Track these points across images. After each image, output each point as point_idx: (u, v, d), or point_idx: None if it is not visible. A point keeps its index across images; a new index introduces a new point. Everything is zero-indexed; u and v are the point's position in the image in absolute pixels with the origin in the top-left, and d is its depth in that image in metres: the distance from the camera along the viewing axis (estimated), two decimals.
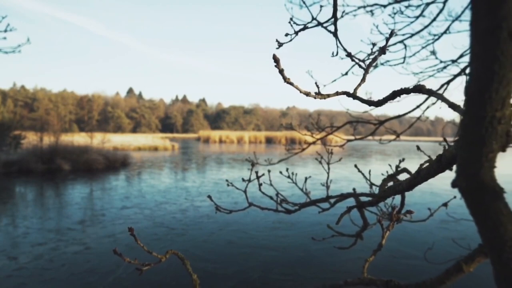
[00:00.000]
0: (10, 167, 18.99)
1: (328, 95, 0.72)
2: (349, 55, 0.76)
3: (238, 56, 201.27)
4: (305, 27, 1.24)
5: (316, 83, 0.70)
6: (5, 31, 3.14)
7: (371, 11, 4.13)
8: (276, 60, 0.65)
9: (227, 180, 1.60)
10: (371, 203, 1.07)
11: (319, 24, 1.39)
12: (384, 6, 3.87)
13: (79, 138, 26.03)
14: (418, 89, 0.62)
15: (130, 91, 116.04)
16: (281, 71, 0.66)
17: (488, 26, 0.34)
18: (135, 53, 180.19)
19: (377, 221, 0.94)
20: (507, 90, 0.36)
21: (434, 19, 3.59)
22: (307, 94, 0.69)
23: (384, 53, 0.73)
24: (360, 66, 0.75)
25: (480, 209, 0.40)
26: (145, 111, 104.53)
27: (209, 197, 1.44)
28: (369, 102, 0.71)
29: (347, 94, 0.71)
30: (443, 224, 9.51)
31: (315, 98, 0.70)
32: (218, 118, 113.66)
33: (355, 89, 0.72)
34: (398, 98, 0.87)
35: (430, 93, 0.61)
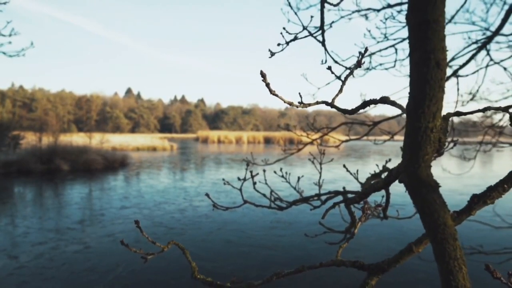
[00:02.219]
0: (10, 167, 19.05)
1: (309, 104, 0.82)
2: (329, 68, 0.86)
3: (237, 56, 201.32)
4: (295, 38, 1.34)
5: (299, 93, 0.80)
6: (10, 35, 3.25)
7: (365, 15, 4.24)
8: (263, 75, 0.74)
9: (223, 179, 1.70)
10: (356, 200, 1.18)
11: (310, 34, 1.49)
12: (378, 11, 3.98)
13: (77, 138, 26.09)
14: (384, 100, 0.72)
15: (129, 91, 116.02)
16: (267, 85, 0.76)
17: (420, 57, 0.45)
18: (133, 53, 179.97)
19: (346, 207, 1.04)
20: (436, 106, 0.46)
21: None
22: (291, 104, 0.79)
23: (360, 67, 0.83)
24: (338, 78, 0.85)
25: (419, 199, 0.50)
26: (144, 111, 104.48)
27: (207, 195, 1.54)
28: (344, 111, 0.81)
29: (326, 103, 0.81)
30: None
31: (297, 107, 0.80)
32: (216, 118, 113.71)
33: (333, 99, 0.82)
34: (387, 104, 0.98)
35: (393, 104, 0.71)
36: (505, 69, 4.35)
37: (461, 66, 4.34)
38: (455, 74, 4.36)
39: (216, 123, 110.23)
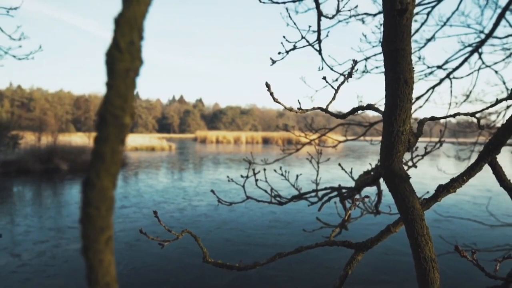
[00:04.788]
0: (9, 167, 19.10)
1: (307, 110, 0.94)
2: (324, 78, 0.98)
3: (235, 56, 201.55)
4: (294, 47, 1.47)
5: (298, 100, 0.93)
6: (19, 39, 3.38)
7: (362, 19, 4.37)
8: (267, 85, 0.87)
9: (228, 176, 1.82)
10: (349, 195, 1.30)
11: (309, 44, 1.62)
12: (374, 15, 4.11)
13: (76, 138, 26.16)
14: (369, 107, 0.85)
15: None
16: (271, 94, 0.89)
17: (392, 76, 0.57)
18: None
19: (340, 202, 1.17)
20: (405, 114, 0.59)
21: (417, 30, 3.85)
22: (291, 109, 0.92)
23: (351, 77, 0.96)
24: (331, 86, 0.97)
25: (393, 188, 0.63)
26: (142, 111, 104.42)
27: (212, 191, 1.66)
28: (336, 115, 0.94)
29: (321, 109, 0.94)
30: (435, 223, 9.80)
31: (296, 112, 0.93)
32: (215, 118, 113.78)
33: (327, 105, 0.95)
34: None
35: (376, 110, 0.84)
36: (496, 72, 4.50)
37: (454, 69, 4.48)
38: (448, 76, 4.50)
39: (214, 123, 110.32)
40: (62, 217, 10.46)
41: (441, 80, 4.57)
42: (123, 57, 0.23)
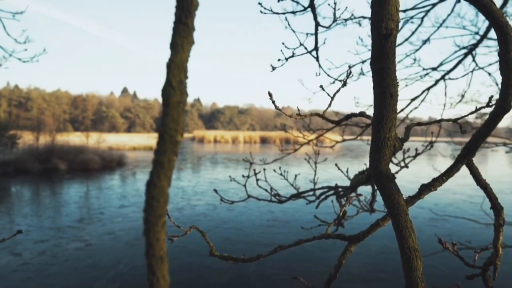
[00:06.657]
0: (7, 167, 19.12)
1: (305, 116, 1.04)
2: (321, 86, 1.07)
3: (233, 55, 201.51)
4: (293, 54, 1.56)
5: (297, 107, 1.02)
6: (24, 42, 3.47)
7: (358, 22, 4.46)
8: (270, 95, 0.96)
9: (230, 176, 1.91)
10: (344, 193, 1.39)
11: (307, 51, 1.71)
12: (370, 19, 4.20)
13: (74, 138, 26.15)
14: (362, 114, 0.94)
15: (125, 90, 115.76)
16: (273, 102, 0.98)
17: (379, 91, 0.66)
18: (130, 52, 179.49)
19: (337, 201, 1.26)
20: (391, 123, 0.68)
21: (413, 33, 3.95)
22: (291, 116, 1.01)
23: (345, 85, 1.05)
24: (328, 94, 1.06)
25: (381, 186, 0.72)
26: (140, 111, 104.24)
27: (215, 190, 1.75)
28: (332, 121, 1.03)
29: (318, 115, 1.03)
30: (432, 222, 9.94)
31: (296, 118, 1.02)
32: (212, 118, 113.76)
33: (324, 112, 1.04)
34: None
35: (368, 117, 0.93)
36: (489, 74, 4.60)
37: (449, 71, 4.58)
38: (443, 78, 4.60)
39: (212, 122, 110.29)
40: (62, 216, 10.52)
41: (437, 82, 4.67)
42: (175, 93, 0.32)
